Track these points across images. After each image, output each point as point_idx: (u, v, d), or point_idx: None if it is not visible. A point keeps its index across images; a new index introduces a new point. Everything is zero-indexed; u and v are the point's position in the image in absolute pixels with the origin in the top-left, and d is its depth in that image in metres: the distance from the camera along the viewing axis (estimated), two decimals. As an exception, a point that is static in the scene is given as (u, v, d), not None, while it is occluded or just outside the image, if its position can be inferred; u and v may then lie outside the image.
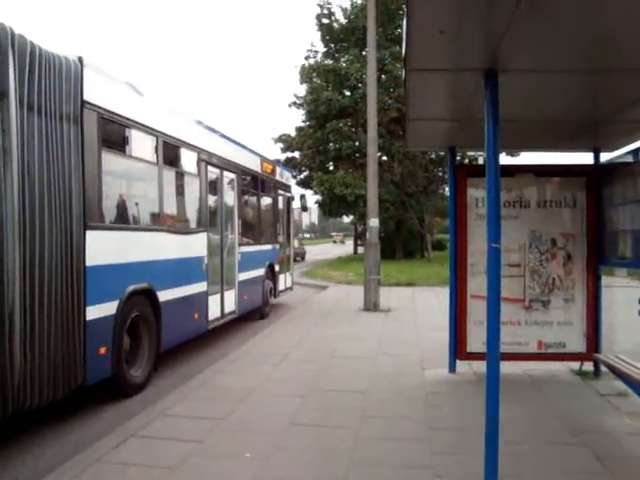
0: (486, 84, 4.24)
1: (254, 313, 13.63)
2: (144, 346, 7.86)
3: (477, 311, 7.21)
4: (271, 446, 5.25)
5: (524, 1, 3.13)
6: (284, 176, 16.67)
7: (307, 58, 38.21)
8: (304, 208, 20.43)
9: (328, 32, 37.30)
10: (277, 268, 15.23)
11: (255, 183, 13.81)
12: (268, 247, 14.60)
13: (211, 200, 10.70)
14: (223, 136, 11.63)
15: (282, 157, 40.52)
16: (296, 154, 40.51)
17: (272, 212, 15.39)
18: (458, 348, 7.64)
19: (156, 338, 8.05)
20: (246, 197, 13.26)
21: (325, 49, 38.45)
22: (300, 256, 43.53)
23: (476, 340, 7.26)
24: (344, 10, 36.81)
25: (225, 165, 11.38)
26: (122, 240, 7.35)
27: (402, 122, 28.05)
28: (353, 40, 35.14)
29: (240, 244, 12.17)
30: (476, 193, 7.54)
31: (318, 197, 38.01)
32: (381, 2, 28.10)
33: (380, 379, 7.67)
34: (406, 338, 10.60)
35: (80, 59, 6.35)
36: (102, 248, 6.72)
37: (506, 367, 5.45)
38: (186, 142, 9.44)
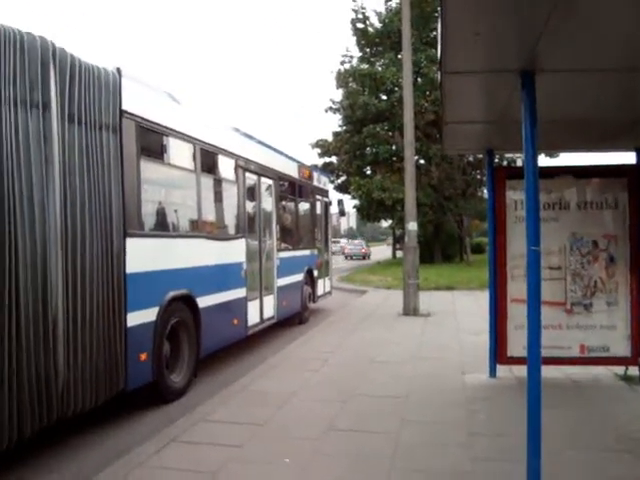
0: (523, 85, 4.19)
1: (293, 318, 13.67)
2: (184, 352, 7.91)
3: (518, 315, 7.11)
4: (310, 452, 5.25)
5: (561, 2, 3.09)
6: (321, 181, 16.71)
7: (343, 63, 38.29)
8: (342, 213, 20.49)
9: (363, 36, 37.27)
10: (316, 273, 15.31)
11: (292, 189, 13.84)
12: (306, 252, 14.68)
13: (249, 206, 10.76)
14: (260, 142, 11.68)
15: (319, 162, 40.62)
16: (333, 159, 40.57)
17: (310, 217, 15.47)
18: (499, 352, 7.55)
19: (196, 344, 8.09)
20: (284, 203, 13.29)
21: (360, 54, 38.46)
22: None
23: (517, 344, 7.15)
24: (379, 14, 36.77)
25: (262, 171, 11.43)
26: (161, 247, 7.45)
27: (439, 125, 27.90)
28: (388, 44, 35.11)
29: (278, 250, 12.23)
30: (515, 195, 7.45)
31: (356, 202, 38.05)
32: (416, 5, 28.00)
33: (420, 384, 7.62)
34: (446, 342, 10.52)
35: (118, 69, 6.49)
36: (142, 255, 6.81)
37: (548, 371, 5.35)
38: (224, 149, 9.52)
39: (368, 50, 38.05)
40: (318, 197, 16.09)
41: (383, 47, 36.12)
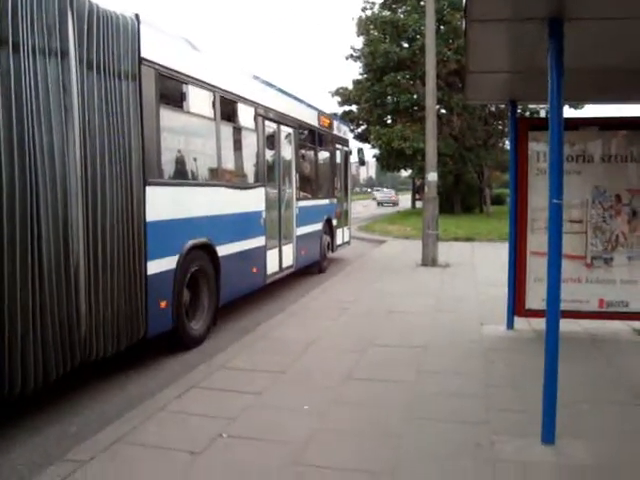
0: (550, 34, 4.09)
1: (312, 267, 13.83)
2: (203, 300, 7.99)
3: (537, 268, 7.08)
4: (328, 399, 5.32)
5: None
6: (341, 130, 16.60)
7: (364, 10, 37.42)
8: (362, 162, 20.64)
9: (385, -18, 36.46)
10: (335, 222, 15.32)
11: (312, 137, 13.77)
12: (325, 201, 14.71)
13: (268, 155, 10.73)
14: (280, 90, 11.57)
15: (339, 111, 40.24)
16: (353, 107, 40.12)
17: (329, 166, 15.43)
18: (517, 305, 7.55)
19: (215, 292, 8.18)
20: (303, 151, 13.23)
21: (382, 0, 37.65)
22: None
23: (535, 297, 7.15)
24: (402, -41, 35.85)
25: (282, 119, 11.36)
26: (181, 195, 7.45)
27: (461, 74, 27.38)
28: (411, -10, 34.29)
29: (298, 199, 12.27)
30: (537, 147, 7.34)
31: (376, 151, 37.77)
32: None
33: (437, 335, 7.67)
34: (464, 294, 10.55)
35: (137, 16, 6.37)
36: (161, 204, 6.84)
37: (565, 325, 5.35)
38: (243, 97, 9.45)
39: (390, -4, 37.25)
40: (338, 146, 16.01)
41: (405, -7, 35.31)
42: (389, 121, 36.97)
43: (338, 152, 16.07)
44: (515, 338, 7.49)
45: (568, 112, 23.13)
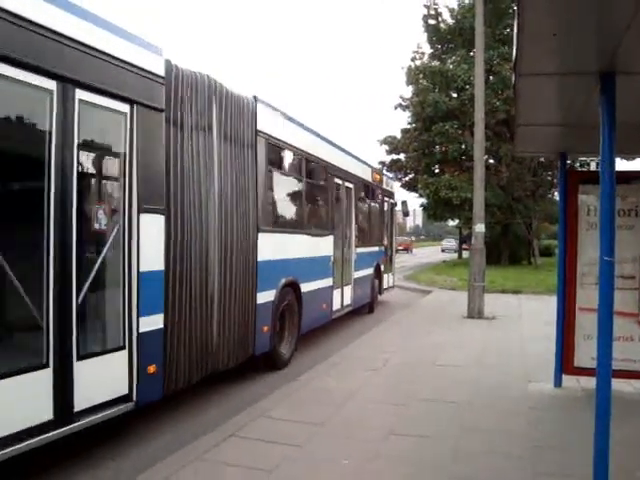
0: (602, 88, 4.04)
1: (364, 307, 15.23)
2: (289, 329, 9.57)
3: (586, 324, 6.88)
4: (369, 454, 5.21)
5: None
6: (389, 184, 18.57)
7: (413, 59, 37.69)
8: (405, 213, 21.90)
9: (435, 33, 36.71)
10: (382, 268, 16.85)
11: (367, 191, 15.56)
12: (376, 249, 16.34)
13: (336, 207, 12.42)
14: (344, 151, 13.17)
15: (387, 159, 40.46)
16: (401, 156, 40.23)
17: (379, 217, 17.09)
18: (565, 362, 7.33)
19: (298, 323, 9.83)
20: (360, 204, 14.79)
21: (432, 50, 37.89)
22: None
23: (585, 354, 6.93)
24: (451, 10, 36.12)
25: (346, 176, 13.11)
26: (279, 241, 9.09)
27: (510, 124, 27.32)
28: (460, 41, 34.41)
29: (356, 246, 13.89)
30: (588, 201, 7.20)
31: (423, 200, 37.69)
32: (490, 1, 27.51)
33: (482, 390, 7.48)
34: (510, 348, 10.31)
35: (255, 97, 8.29)
36: (267, 247, 8.47)
37: (617, 385, 5.17)
38: (320, 158, 11.26)
39: (439, 47, 37.48)
40: (386, 198, 17.80)
41: (455, 44, 35.49)
42: (437, 170, 36.95)
43: (386, 204, 17.82)
44: (563, 397, 7.24)
45: (620, 163, 22.78)
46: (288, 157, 9.86)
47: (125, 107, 5.69)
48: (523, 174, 32.35)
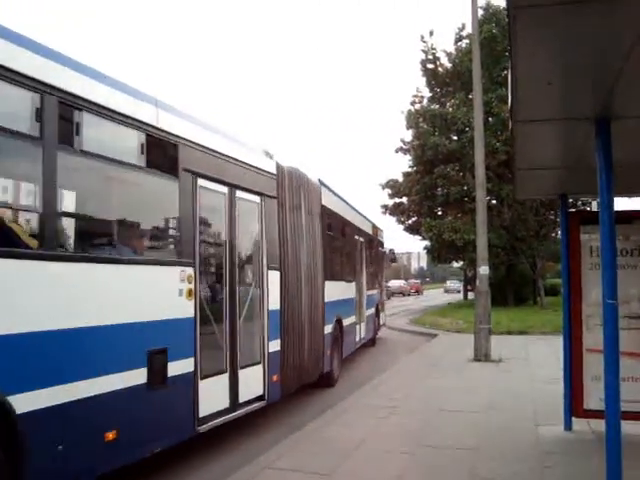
0: (598, 132, 4.10)
1: (368, 341, 17.91)
2: (337, 355, 12.44)
3: (594, 365, 6.77)
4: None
5: (637, 50, 3.01)
6: (382, 235, 22.23)
7: (413, 103, 38.14)
8: (392, 260, 26.84)
9: (433, 77, 37.18)
10: (380, 308, 20.56)
11: (370, 243, 18.81)
12: (376, 292, 19.78)
13: (356, 258, 15.91)
14: (358, 211, 16.53)
15: (389, 203, 40.63)
16: (404, 199, 40.38)
17: (378, 264, 20.93)
18: (574, 404, 7.23)
19: (340, 350, 12.79)
20: (366, 254, 17.77)
21: (430, 94, 38.32)
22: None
23: (594, 396, 6.84)
24: (448, 54, 36.69)
25: (359, 233, 16.52)
26: (333, 287, 12.03)
27: (510, 165, 27.37)
28: (459, 84, 34.79)
29: (367, 289, 17.25)
30: (590, 241, 7.20)
31: (427, 243, 37.73)
32: (486, 45, 27.90)
33: (491, 435, 7.39)
34: (518, 391, 10.20)
35: (320, 180, 11.58)
36: (328, 292, 11.48)
37: (629, 427, 5.11)
38: (348, 221, 14.81)
39: (438, 90, 37.90)
40: (380, 248, 21.51)
41: (453, 87, 35.89)
42: (439, 213, 37.07)
43: (380, 253, 21.49)
44: (573, 440, 7.14)
45: (622, 202, 22.81)
46: (334, 223, 13.02)
47: (258, 199, 8.65)
48: (526, 214, 32.40)
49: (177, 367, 6.31)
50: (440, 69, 36.92)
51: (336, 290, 12.44)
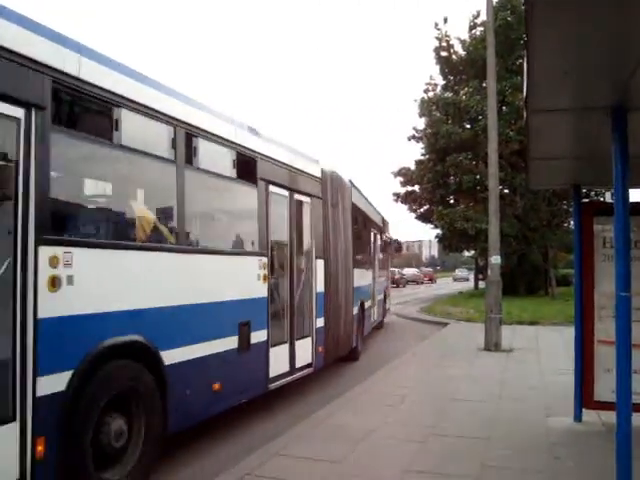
0: (614, 123, 4.05)
1: (379, 324, 20.06)
2: (361, 333, 14.37)
3: (606, 357, 6.75)
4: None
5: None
6: (389, 226, 24.38)
7: (426, 91, 37.96)
8: (398, 250, 29.62)
9: (447, 65, 37.00)
10: (387, 293, 22.60)
11: (381, 234, 21.04)
12: (384, 278, 22.11)
13: (372, 247, 18.53)
14: (372, 205, 18.42)
15: (401, 190, 40.52)
16: (416, 188, 40.23)
17: (386, 253, 23.18)
18: (585, 396, 7.20)
19: (362, 327, 14.71)
20: (377, 243, 19.93)
21: (444, 82, 38.15)
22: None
23: (605, 388, 6.80)
24: (462, 42, 36.43)
25: (373, 226, 18.84)
26: (356, 274, 13.57)
27: (524, 154, 27.05)
28: (472, 72, 34.55)
29: (378, 276, 19.30)
30: (603, 232, 7.14)
31: (438, 231, 37.64)
32: (501, 32, 27.67)
33: (501, 425, 7.39)
34: (529, 381, 10.18)
35: (350, 181, 13.23)
36: (356, 279, 13.45)
37: (638, 419, 5.08)
38: (367, 214, 16.85)
39: (452, 78, 37.71)
40: (386, 238, 23.20)
41: (467, 75, 35.67)
42: (451, 201, 36.96)
43: (387, 243, 23.69)
44: (583, 432, 7.12)
45: (636, 193, 22.58)
46: (358, 217, 14.79)
47: (309, 199, 10.36)
48: (538, 204, 32.25)
49: (256, 336, 8.06)
50: (454, 57, 36.75)
51: (360, 277, 14.26)
